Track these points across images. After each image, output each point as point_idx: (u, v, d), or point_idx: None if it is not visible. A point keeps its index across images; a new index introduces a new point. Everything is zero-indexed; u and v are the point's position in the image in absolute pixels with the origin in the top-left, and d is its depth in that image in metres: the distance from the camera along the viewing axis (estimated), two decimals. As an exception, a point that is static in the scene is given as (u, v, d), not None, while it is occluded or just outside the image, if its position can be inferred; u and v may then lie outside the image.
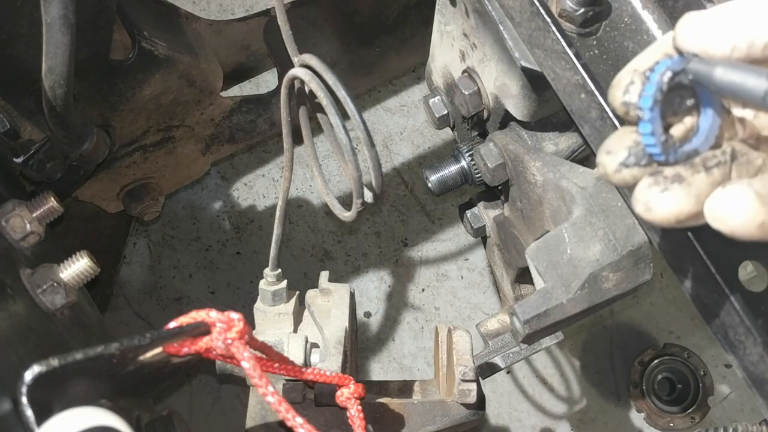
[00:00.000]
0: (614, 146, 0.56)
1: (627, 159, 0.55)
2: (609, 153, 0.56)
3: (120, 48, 1.31)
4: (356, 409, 0.91)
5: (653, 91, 0.53)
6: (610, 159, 0.56)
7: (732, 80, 0.51)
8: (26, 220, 0.93)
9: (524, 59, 0.84)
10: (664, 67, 0.53)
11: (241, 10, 2.13)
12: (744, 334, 0.71)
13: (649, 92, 0.53)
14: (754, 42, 0.52)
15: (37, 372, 0.58)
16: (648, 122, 0.53)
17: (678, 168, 0.54)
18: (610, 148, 0.56)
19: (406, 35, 1.67)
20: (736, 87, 0.51)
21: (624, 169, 0.55)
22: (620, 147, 0.55)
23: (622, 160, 0.55)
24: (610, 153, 0.56)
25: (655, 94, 0.53)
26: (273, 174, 2.02)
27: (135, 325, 1.85)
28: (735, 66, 0.51)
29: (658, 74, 0.53)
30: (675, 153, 0.54)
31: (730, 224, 0.52)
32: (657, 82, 0.53)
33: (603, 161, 0.56)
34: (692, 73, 0.53)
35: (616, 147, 0.55)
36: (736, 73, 0.51)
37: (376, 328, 1.94)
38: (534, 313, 0.83)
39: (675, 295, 2.01)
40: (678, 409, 1.93)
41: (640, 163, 0.55)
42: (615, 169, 0.55)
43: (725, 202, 0.52)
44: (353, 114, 0.73)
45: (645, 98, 0.53)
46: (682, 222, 0.54)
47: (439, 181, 1.09)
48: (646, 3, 0.82)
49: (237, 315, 0.70)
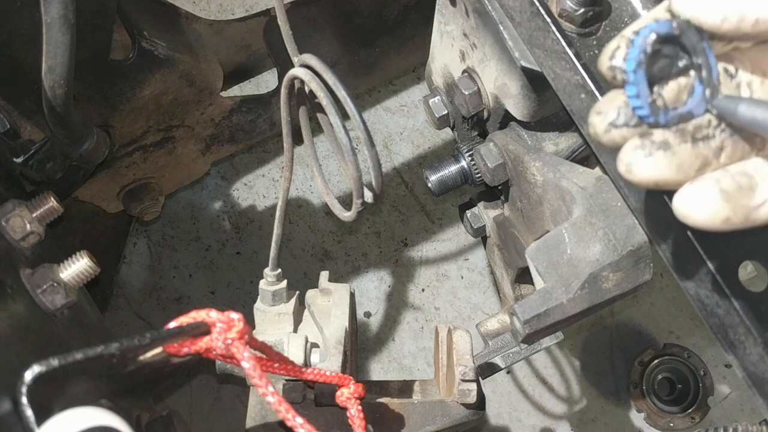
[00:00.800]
0: (604, 107, 0.56)
1: (616, 119, 0.55)
2: (599, 113, 0.56)
3: (120, 48, 1.31)
4: (356, 409, 0.91)
5: (636, 53, 0.54)
6: (599, 119, 0.56)
7: (755, 116, 0.53)
8: (26, 220, 0.93)
9: (524, 59, 0.84)
10: (648, 30, 0.54)
11: (241, 10, 2.13)
12: (744, 334, 0.71)
13: (632, 55, 0.54)
14: (744, 16, 0.53)
15: (37, 372, 0.58)
16: (633, 85, 0.54)
17: (667, 134, 0.55)
18: (600, 108, 0.56)
19: (406, 35, 1.67)
20: (759, 123, 0.53)
21: (613, 129, 0.56)
22: (610, 107, 0.56)
23: (611, 120, 0.55)
24: (600, 113, 0.56)
25: (639, 56, 0.54)
26: (273, 174, 2.02)
27: (135, 325, 1.85)
28: (758, 103, 0.53)
29: (641, 37, 0.54)
30: (666, 115, 0.55)
31: (693, 220, 0.54)
32: (640, 44, 0.54)
33: (593, 121, 0.57)
34: (717, 108, 0.55)
35: (606, 108, 0.56)
36: (758, 109, 0.53)
37: (376, 328, 1.94)
38: (534, 313, 0.84)
39: (675, 295, 2.01)
40: (678, 409, 1.93)
41: (629, 123, 0.55)
42: (604, 129, 0.56)
43: (690, 199, 0.54)
44: (353, 114, 0.73)
45: (629, 61, 0.54)
46: (660, 187, 0.56)
47: (439, 181, 1.09)
48: (646, 3, 0.82)
49: (237, 315, 0.70)
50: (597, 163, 0.89)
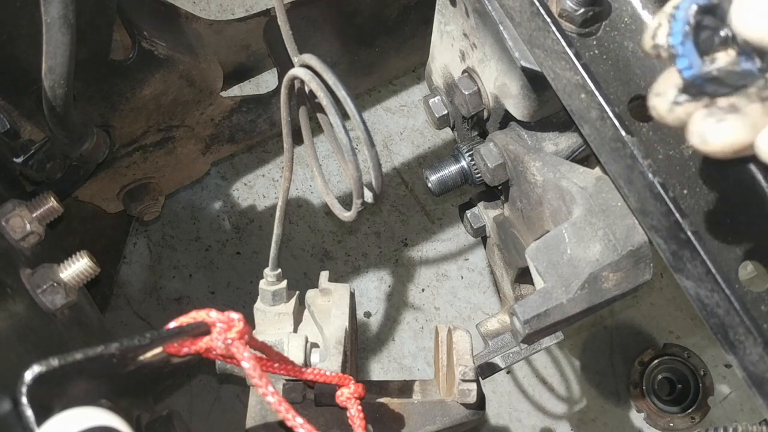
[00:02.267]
0: (662, 87, 0.55)
1: (678, 96, 0.54)
2: (659, 95, 0.55)
3: (120, 48, 1.31)
4: (356, 409, 0.91)
5: (681, 26, 0.53)
6: (660, 100, 0.55)
7: None
8: (26, 220, 0.93)
9: (524, 59, 0.84)
10: (688, 2, 0.54)
11: (241, 10, 2.13)
12: (744, 334, 0.71)
13: (677, 28, 0.53)
14: None
15: (37, 372, 0.58)
16: (684, 56, 0.53)
17: (732, 99, 0.53)
18: (659, 90, 0.55)
19: (406, 35, 1.67)
20: None
21: (677, 108, 0.55)
22: (668, 86, 0.55)
23: (673, 98, 0.55)
24: (659, 95, 0.55)
25: (683, 28, 0.53)
26: (273, 174, 2.02)
27: (135, 325, 1.85)
28: None
29: (683, 10, 0.54)
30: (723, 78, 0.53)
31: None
32: (683, 17, 0.53)
33: (654, 104, 0.56)
34: None
35: (664, 87, 0.55)
36: None
37: (376, 328, 1.94)
38: (534, 313, 0.84)
39: (675, 295, 2.01)
40: (678, 409, 1.93)
41: (692, 97, 0.54)
42: (668, 108, 0.55)
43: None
44: (353, 114, 0.73)
45: (675, 35, 0.54)
46: (739, 152, 0.54)
47: (439, 181, 1.08)
48: (646, 3, 0.82)
49: (237, 315, 0.70)
50: (597, 163, 0.88)
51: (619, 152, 0.74)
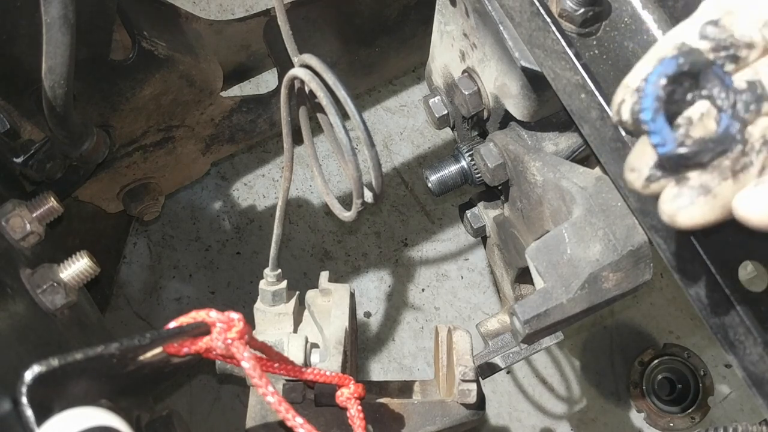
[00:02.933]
0: (637, 163, 0.55)
1: (652, 174, 0.54)
2: (633, 170, 0.55)
3: (120, 48, 1.31)
4: (356, 409, 0.91)
5: (650, 102, 0.51)
6: (635, 177, 0.55)
7: None
8: (26, 220, 0.93)
9: (524, 59, 0.84)
10: (656, 75, 0.52)
11: (241, 10, 2.13)
12: (744, 334, 0.71)
13: (647, 104, 0.51)
14: None
15: (37, 372, 0.58)
16: (656, 133, 0.51)
17: (704, 176, 0.52)
18: (633, 165, 0.55)
19: (406, 35, 1.67)
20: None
21: (651, 185, 0.54)
22: (642, 163, 0.54)
23: (647, 176, 0.54)
24: (633, 170, 0.55)
25: (653, 104, 0.51)
26: (273, 174, 2.02)
27: (135, 325, 1.85)
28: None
29: (650, 84, 0.52)
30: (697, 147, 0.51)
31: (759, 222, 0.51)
32: (651, 92, 0.51)
33: (629, 179, 0.56)
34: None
35: (638, 163, 0.55)
36: None
37: (376, 328, 1.94)
38: (534, 313, 0.84)
39: (675, 295, 2.01)
40: (678, 409, 1.93)
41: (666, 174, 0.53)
42: (642, 185, 0.55)
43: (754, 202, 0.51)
44: (353, 114, 0.73)
45: (645, 111, 0.52)
46: (708, 227, 0.54)
47: (439, 181, 1.08)
48: (646, 3, 0.81)
49: (237, 315, 0.70)
50: (597, 163, 0.89)
51: (619, 152, 0.74)
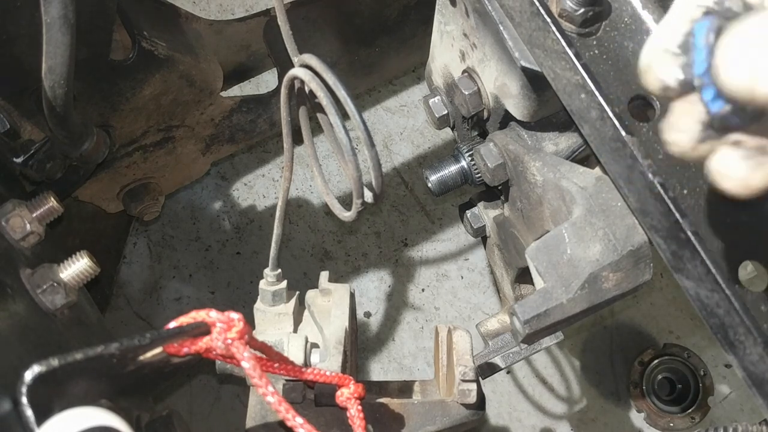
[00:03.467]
0: (683, 123, 0.50)
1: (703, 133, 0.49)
2: (680, 131, 0.50)
3: (120, 48, 1.31)
4: (356, 409, 0.91)
5: (704, 55, 0.48)
6: (682, 137, 0.50)
7: None
8: (26, 220, 0.93)
9: (524, 59, 0.84)
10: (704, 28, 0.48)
11: (241, 10, 2.13)
12: (744, 334, 0.71)
13: (699, 57, 0.48)
14: None
15: (37, 372, 0.58)
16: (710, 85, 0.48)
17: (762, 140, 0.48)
18: (680, 125, 0.50)
19: (406, 35, 1.67)
20: None
21: (700, 145, 0.50)
22: (690, 122, 0.50)
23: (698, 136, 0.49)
24: (681, 131, 0.50)
25: (707, 57, 0.48)
26: (273, 174, 2.02)
27: (135, 325, 1.85)
28: None
29: (701, 37, 0.48)
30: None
31: None
32: (704, 45, 0.48)
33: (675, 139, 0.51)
34: None
35: (685, 123, 0.50)
36: None
37: (376, 328, 1.94)
38: (534, 313, 0.84)
39: (675, 295, 2.01)
40: (678, 409, 1.93)
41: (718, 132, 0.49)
42: (691, 147, 0.50)
43: None
44: (353, 114, 0.73)
45: (698, 64, 0.48)
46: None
47: (439, 181, 1.08)
48: (646, 3, 0.81)
49: (237, 315, 0.70)
50: (597, 163, 0.89)
51: (619, 152, 0.74)
